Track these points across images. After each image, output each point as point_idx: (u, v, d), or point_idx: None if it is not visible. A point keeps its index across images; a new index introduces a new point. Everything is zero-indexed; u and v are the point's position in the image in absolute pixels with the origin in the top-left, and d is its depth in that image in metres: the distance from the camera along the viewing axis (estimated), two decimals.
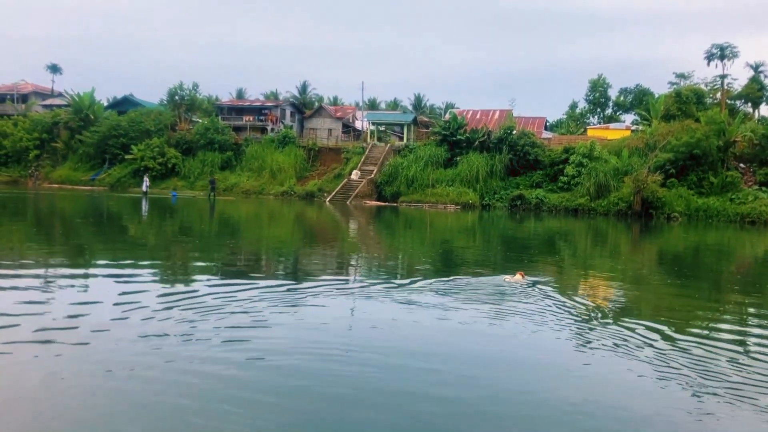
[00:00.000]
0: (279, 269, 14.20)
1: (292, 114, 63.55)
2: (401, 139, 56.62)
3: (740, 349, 7.76)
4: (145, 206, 34.33)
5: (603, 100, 70.10)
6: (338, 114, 63.73)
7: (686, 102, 48.22)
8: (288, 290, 10.53)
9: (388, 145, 51.43)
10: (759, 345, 8.00)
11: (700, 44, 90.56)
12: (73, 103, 58.23)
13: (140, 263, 13.30)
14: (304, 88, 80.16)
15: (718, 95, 58.21)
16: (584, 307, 10.10)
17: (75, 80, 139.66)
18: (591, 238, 27.03)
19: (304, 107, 68.87)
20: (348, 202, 43.72)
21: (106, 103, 64.79)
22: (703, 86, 57.59)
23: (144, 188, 44.18)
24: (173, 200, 40.03)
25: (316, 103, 72.88)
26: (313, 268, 14.44)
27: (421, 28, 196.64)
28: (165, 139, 53.51)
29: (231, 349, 6.78)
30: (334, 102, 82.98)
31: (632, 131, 51.60)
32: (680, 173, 40.04)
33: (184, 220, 28.46)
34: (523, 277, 11.88)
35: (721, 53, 57.11)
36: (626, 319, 9.16)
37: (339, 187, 46.64)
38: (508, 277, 11.97)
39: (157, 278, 11.64)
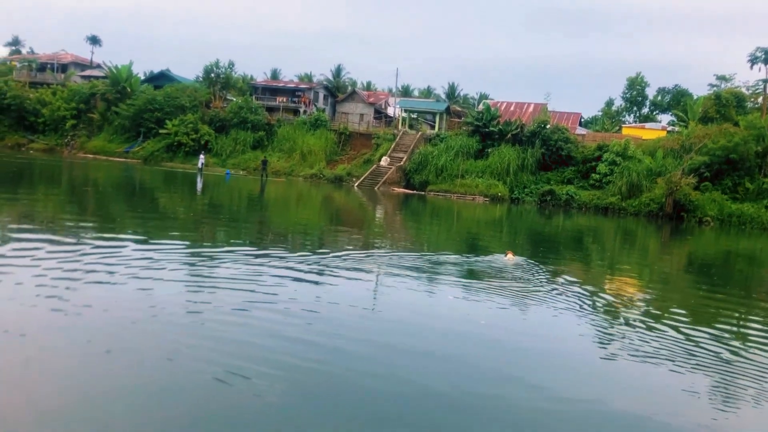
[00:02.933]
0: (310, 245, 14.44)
1: (325, 97, 63.72)
2: (433, 127, 56.42)
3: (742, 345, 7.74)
4: (200, 183, 35.17)
5: (640, 98, 68.91)
6: (371, 99, 63.68)
7: (726, 105, 47.12)
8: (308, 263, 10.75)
9: (420, 133, 51.25)
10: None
11: (743, 46, 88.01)
12: (110, 75, 59.08)
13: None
14: (338, 72, 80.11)
15: (760, 100, 56.62)
16: (605, 305, 10.10)
17: (113, 53, 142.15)
18: (620, 238, 26.75)
19: (337, 91, 68.93)
20: (376, 188, 43.79)
21: (142, 77, 65.59)
22: (744, 90, 55.97)
23: (200, 165, 45.42)
24: (227, 178, 40.63)
25: (350, 88, 72.89)
26: (338, 244, 14.67)
27: (458, 18, 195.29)
28: (199, 115, 54.07)
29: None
30: (368, 87, 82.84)
31: (668, 132, 50.68)
32: (715, 177, 39.28)
33: (256, 197, 29.71)
34: (513, 255, 12.75)
35: (765, 57, 55.47)
36: (647, 319, 9.16)
37: (368, 172, 46.71)
38: (504, 257, 12.70)
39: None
